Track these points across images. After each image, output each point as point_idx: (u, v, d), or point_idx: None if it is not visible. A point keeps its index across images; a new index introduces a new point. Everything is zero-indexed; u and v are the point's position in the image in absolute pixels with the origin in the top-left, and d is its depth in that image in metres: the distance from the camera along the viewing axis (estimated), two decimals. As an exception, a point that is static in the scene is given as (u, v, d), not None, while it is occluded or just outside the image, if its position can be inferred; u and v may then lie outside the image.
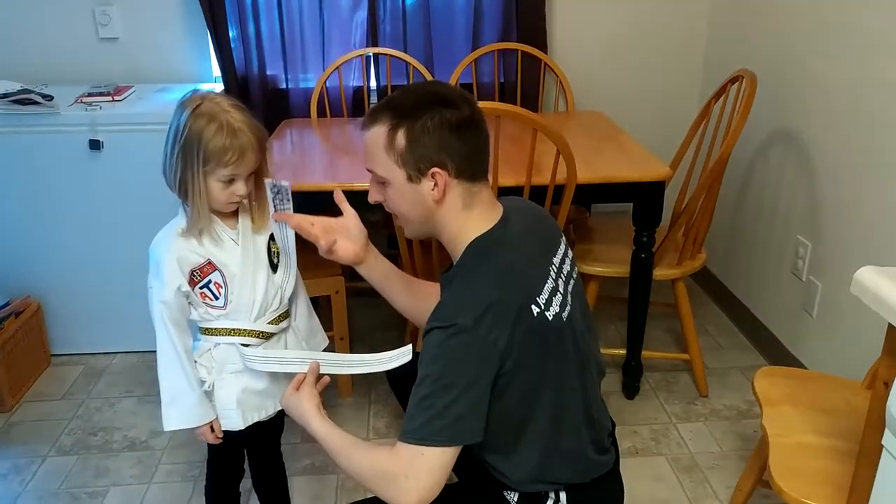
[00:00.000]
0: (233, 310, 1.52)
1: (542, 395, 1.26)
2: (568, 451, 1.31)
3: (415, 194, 1.29)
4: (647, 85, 3.15)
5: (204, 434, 1.54)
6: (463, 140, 1.26)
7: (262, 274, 1.54)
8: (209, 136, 1.38)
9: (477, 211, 1.31)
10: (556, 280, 1.31)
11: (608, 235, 2.58)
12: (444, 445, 1.18)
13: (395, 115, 1.26)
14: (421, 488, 1.18)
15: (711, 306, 3.06)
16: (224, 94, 1.47)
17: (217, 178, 1.42)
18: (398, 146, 1.25)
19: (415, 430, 1.19)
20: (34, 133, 2.45)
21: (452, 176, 1.27)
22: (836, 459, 1.45)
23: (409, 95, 1.31)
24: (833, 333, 2.27)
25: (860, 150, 2.13)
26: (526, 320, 1.21)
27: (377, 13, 2.90)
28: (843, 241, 2.22)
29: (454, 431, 1.18)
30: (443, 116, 1.24)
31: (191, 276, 1.48)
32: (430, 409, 1.18)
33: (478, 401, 1.19)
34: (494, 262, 1.26)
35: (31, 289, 2.64)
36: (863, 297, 1.12)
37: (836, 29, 2.23)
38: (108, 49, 2.89)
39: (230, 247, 1.51)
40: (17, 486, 2.10)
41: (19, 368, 2.51)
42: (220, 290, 1.50)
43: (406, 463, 1.19)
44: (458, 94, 1.29)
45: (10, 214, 2.55)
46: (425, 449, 1.18)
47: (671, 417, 2.35)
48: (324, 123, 2.83)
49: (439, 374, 1.18)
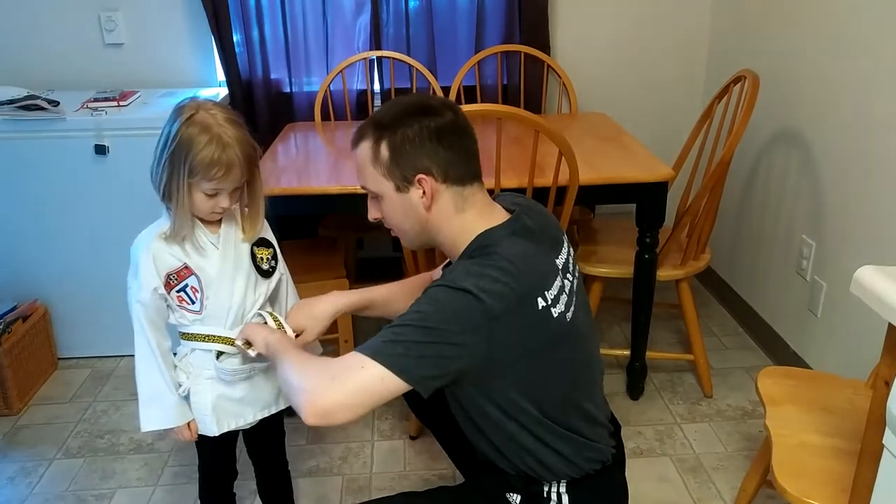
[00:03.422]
0: (208, 315, 1.52)
1: (542, 387, 1.27)
2: (566, 443, 1.32)
3: (406, 204, 1.32)
4: (649, 86, 3.15)
5: (181, 433, 1.54)
6: (445, 145, 1.29)
7: (241, 280, 1.53)
8: (198, 149, 1.37)
9: (472, 213, 1.33)
10: (562, 279, 1.32)
11: (612, 236, 2.58)
12: (389, 370, 1.15)
13: (377, 129, 1.31)
14: (335, 399, 1.15)
15: (716, 306, 3.05)
16: (222, 105, 1.46)
17: (201, 190, 1.42)
18: (383, 158, 1.30)
19: (372, 345, 1.18)
20: (40, 138, 2.47)
21: (439, 181, 1.30)
22: (839, 459, 1.45)
23: (390, 109, 1.36)
24: (838, 333, 2.27)
25: (864, 148, 2.13)
26: (529, 309, 1.22)
27: (380, 16, 2.91)
28: (848, 240, 2.21)
29: (408, 365, 1.16)
30: (422, 125, 1.28)
31: (167, 280, 1.48)
32: (398, 337, 1.18)
33: (447, 357, 1.18)
34: (503, 251, 1.27)
35: (38, 293, 2.66)
36: (863, 296, 1.12)
37: (839, 28, 2.23)
38: (113, 54, 2.91)
39: (210, 251, 1.51)
40: (25, 489, 2.11)
41: (27, 372, 2.53)
42: (197, 294, 1.50)
43: (341, 366, 1.18)
44: (440, 102, 1.34)
45: (16, 219, 2.57)
46: (370, 363, 1.15)
47: (676, 418, 2.35)
48: (327, 127, 2.84)
49: (425, 315, 1.19)
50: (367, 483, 2.10)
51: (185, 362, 1.55)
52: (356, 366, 1.16)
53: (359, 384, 1.15)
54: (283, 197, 2.07)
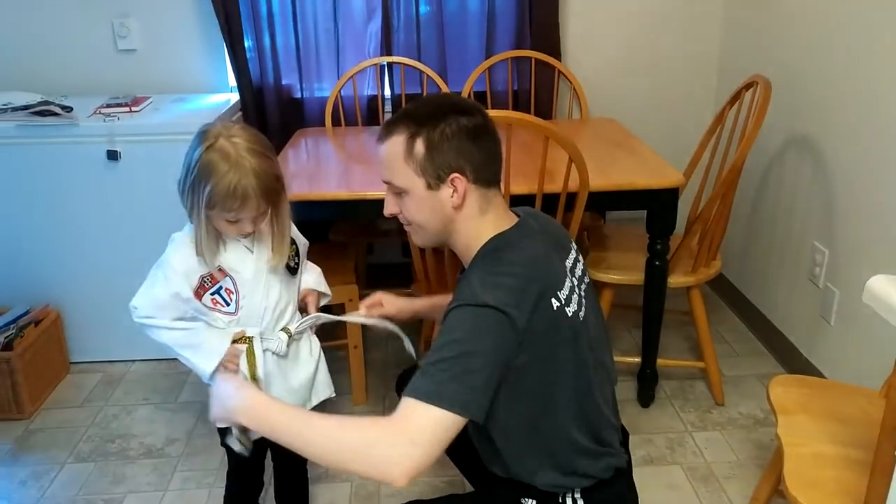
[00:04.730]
0: (244, 316, 1.53)
1: (556, 391, 1.27)
2: (576, 446, 1.31)
3: (434, 202, 1.30)
4: (661, 91, 3.14)
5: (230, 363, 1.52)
6: (479, 146, 1.29)
7: (275, 280, 1.55)
8: (216, 181, 1.37)
9: (492, 216, 1.33)
10: (571, 280, 1.32)
11: (623, 243, 2.57)
12: (453, 412, 1.12)
13: (413, 125, 1.28)
14: (422, 455, 1.11)
15: (727, 313, 3.03)
16: (246, 129, 1.44)
17: (223, 218, 1.43)
18: (417, 154, 1.28)
19: (429, 389, 1.13)
20: (53, 144, 2.49)
21: (471, 181, 1.29)
22: (852, 469, 1.44)
23: (425, 105, 1.34)
24: (851, 341, 2.25)
25: (877, 155, 2.11)
26: (546, 310, 1.22)
27: (391, 22, 2.91)
28: (861, 247, 2.20)
29: (469, 400, 1.14)
30: (459, 123, 1.27)
31: (201, 283, 1.49)
32: (446, 372, 1.14)
33: (492, 379, 1.17)
34: (516, 254, 1.27)
35: (51, 298, 2.68)
36: (875, 305, 1.11)
37: (851, 34, 2.21)
38: (126, 60, 2.93)
39: (243, 252, 1.52)
40: (36, 493, 2.12)
41: (39, 376, 2.54)
42: (232, 296, 1.51)
43: (414, 424, 1.12)
44: (471, 104, 1.34)
45: (29, 224, 2.59)
46: (438, 411, 1.11)
47: (687, 426, 2.34)
48: (338, 132, 2.85)
49: (460, 341, 1.17)
50: (376, 490, 2.10)
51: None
52: (427, 415, 1.12)
53: (435, 437, 1.12)
54: (293, 202, 2.05)
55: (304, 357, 1.64)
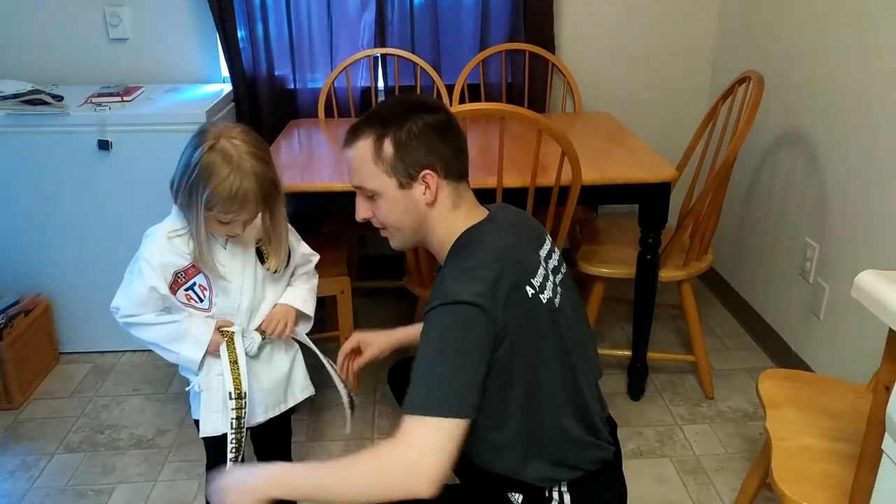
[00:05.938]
0: (217, 313, 1.52)
1: (542, 378, 1.28)
2: (566, 434, 1.32)
3: (407, 201, 1.32)
4: (655, 86, 3.14)
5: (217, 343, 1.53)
6: (447, 142, 1.31)
7: (249, 279, 1.54)
8: (217, 183, 1.37)
9: (464, 210, 1.35)
10: (545, 269, 1.34)
11: (614, 236, 2.57)
12: (452, 416, 1.15)
13: (380, 126, 1.30)
14: (435, 464, 1.13)
15: (718, 307, 3.05)
16: (245, 130, 1.44)
17: (216, 218, 1.43)
18: (387, 155, 1.29)
19: (420, 401, 1.16)
20: (44, 133, 2.47)
21: (442, 177, 1.31)
22: (839, 463, 1.45)
23: (389, 106, 1.37)
24: (840, 336, 2.26)
25: (869, 151, 2.12)
26: (521, 299, 1.24)
27: (385, 14, 2.90)
28: (851, 243, 2.21)
29: (461, 400, 1.16)
30: (425, 121, 1.30)
31: (175, 278, 1.48)
32: (433, 379, 1.17)
33: (479, 375, 1.19)
34: (488, 245, 1.29)
35: (41, 287, 2.67)
36: (863, 300, 1.12)
37: (845, 31, 2.22)
38: (118, 50, 2.91)
39: (218, 249, 1.52)
40: (25, 483, 2.12)
41: (28, 366, 2.54)
42: (205, 292, 1.51)
43: (415, 439, 1.15)
44: (434, 101, 1.37)
45: (19, 213, 2.57)
46: (434, 420, 1.15)
47: (676, 419, 2.35)
48: (331, 124, 2.84)
49: (441, 344, 1.19)
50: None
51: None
52: (425, 427, 1.14)
53: (440, 444, 1.14)
54: (285, 194, 2.06)
55: (278, 358, 1.64)
